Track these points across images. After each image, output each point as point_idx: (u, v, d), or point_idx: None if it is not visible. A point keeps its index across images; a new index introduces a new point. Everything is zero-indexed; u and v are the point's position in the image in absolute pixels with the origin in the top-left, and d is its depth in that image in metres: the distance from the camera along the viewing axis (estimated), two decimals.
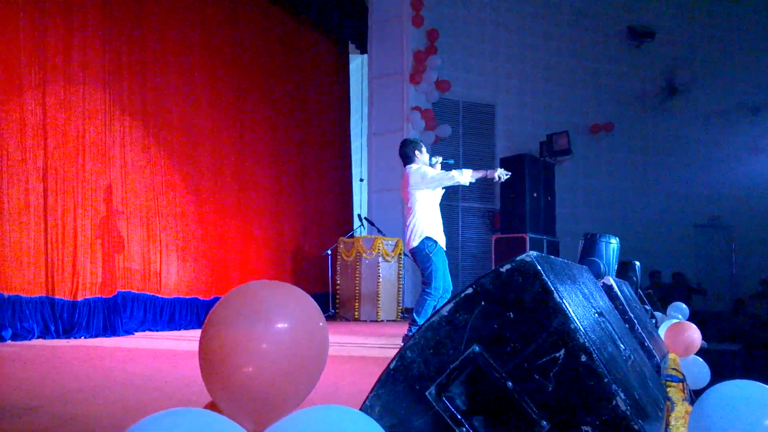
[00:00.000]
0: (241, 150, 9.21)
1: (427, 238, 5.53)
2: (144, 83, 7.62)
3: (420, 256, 5.56)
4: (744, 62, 13.82)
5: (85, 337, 6.32)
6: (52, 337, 6.10)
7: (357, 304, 9.34)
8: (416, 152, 5.81)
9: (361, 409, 1.37)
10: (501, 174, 5.63)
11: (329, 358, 1.39)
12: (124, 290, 7.06)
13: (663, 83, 13.48)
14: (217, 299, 7.58)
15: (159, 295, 7.56)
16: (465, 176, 5.59)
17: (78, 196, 6.58)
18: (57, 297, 6.26)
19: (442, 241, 5.63)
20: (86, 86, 6.78)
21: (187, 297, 7.98)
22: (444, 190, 6.00)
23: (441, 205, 5.93)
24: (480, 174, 5.69)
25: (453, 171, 5.62)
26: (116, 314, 6.80)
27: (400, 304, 9.69)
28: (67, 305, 6.34)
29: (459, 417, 1.34)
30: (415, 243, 5.57)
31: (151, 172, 7.60)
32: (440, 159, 6.00)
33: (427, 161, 5.86)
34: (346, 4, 11.50)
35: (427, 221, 5.59)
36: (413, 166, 5.75)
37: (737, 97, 13.74)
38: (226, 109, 8.94)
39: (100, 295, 6.65)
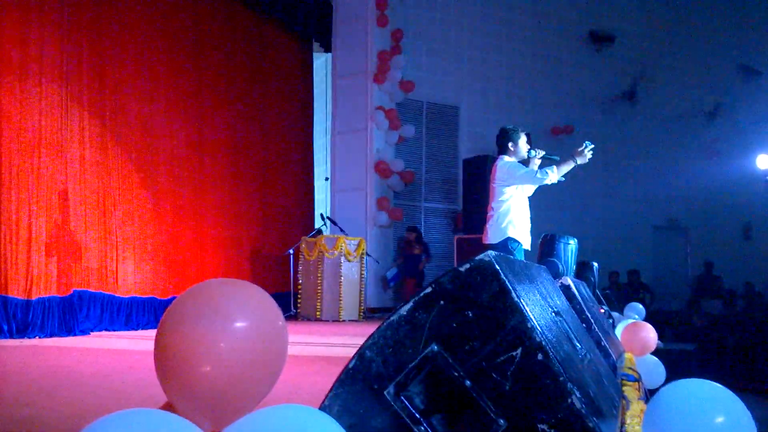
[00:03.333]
0: (201, 148, 9.11)
1: (510, 239, 5.10)
2: (103, 79, 7.49)
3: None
4: (701, 67, 14.14)
5: (40, 337, 6.18)
6: (6, 337, 5.96)
7: (319, 303, 9.31)
8: (510, 144, 5.29)
9: (320, 409, 1.37)
10: (585, 153, 5.12)
11: (290, 357, 1.38)
12: (80, 289, 6.92)
13: (622, 87, 13.71)
14: (174, 299, 7.46)
15: (116, 295, 7.43)
16: (553, 176, 5.08)
17: (33, 192, 6.43)
18: (10, 296, 6.12)
19: (525, 242, 5.21)
20: (43, 81, 6.64)
21: (144, 296, 7.86)
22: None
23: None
24: (570, 166, 5.15)
25: (541, 172, 5.10)
26: (72, 313, 6.67)
27: (362, 304, 9.69)
28: (21, 304, 6.19)
29: (417, 416, 1.35)
30: (493, 240, 5.16)
31: (107, 169, 7.46)
32: (542, 153, 5.38)
33: (525, 154, 5.33)
34: (311, 2, 11.44)
35: (510, 220, 5.15)
36: (505, 159, 5.25)
37: (694, 101, 14.05)
38: (185, 107, 8.84)
39: (55, 294, 6.52)
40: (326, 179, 12.57)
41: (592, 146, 5.12)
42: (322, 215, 10.60)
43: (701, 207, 13.63)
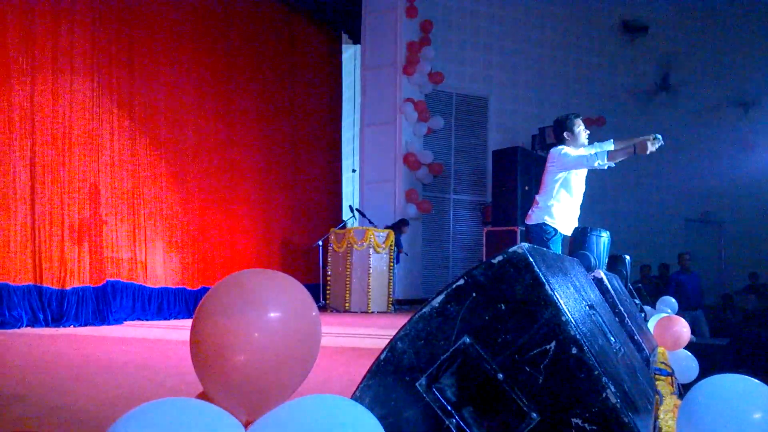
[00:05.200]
0: (230, 140, 9.18)
1: (545, 225, 4.97)
2: (132, 72, 7.59)
3: (534, 238, 5.02)
4: (736, 58, 13.87)
5: (74, 326, 6.30)
6: (41, 326, 6.08)
7: (348, 295, 9.34)
8: (566, 134, 5.04)
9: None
10: (649, 146, 4.72)
11: (320, 349, 1.39)
12: (112, 279, 7.04)
13: (655, 78, 13.50)
14: (204, 289, 7.53)
15: (147, 285, 7.54)
16: (604, 161, 4.79)
17: (65, 184, 6.56)
18: (45, 285, 6.25)
19: (563, 228, 5.07)
20: (74, 75, 6.76)
21: (175, 287, 7.97)
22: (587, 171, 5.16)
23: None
24: (626, 155, 4.83)
25: (590, 157, 4.84)
26: (105, 303, 6.78)
27: (391, 296, 9.70)
28: (56, 294, 6.32)
29: (449, 408, 1.34)
30: (530, 221, 5.11)
31: (137, 161, 7.58)
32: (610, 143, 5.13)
33: (584, 140, 5.08)
34: None
35: (550, 206, 5.01)
36: (558, 148, 5.02)
37: (729, 93, 13.79)
38: (214, 99, 8.91)
39: (89, 284, 6.64)
40: (353, 171, 12.59)
41: (661, 142, 4.78)
42: (351, 207, 10.62)
43: (735, 200, 13.40)
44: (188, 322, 1.26)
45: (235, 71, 9.37)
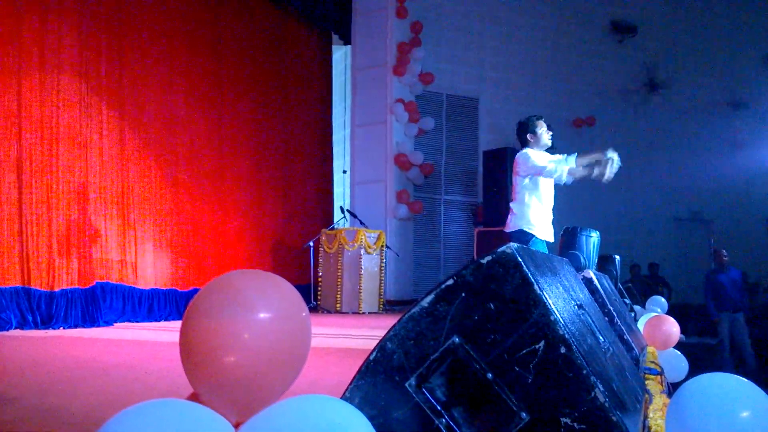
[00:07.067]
0: (220, 140, 9.15)
1: (523, 231, 4.96)
2: (121, 72, 7.54)
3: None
4: (725, 58, 13.94)
5: (64, 328, 6.26)
6: (31, 328, 6.04)
7: (339, 296, 9.34)
8: (529, 135, 5.15)
9: None
10: (608, 172, 4.78)
11: (311, 349, 1.39)
12: (102, 281, 7.00)
13: (645, 78, 13.56)
14: (195, 291, 7.49)
15: (137, 287, 7.50)
16: (562, 174, 4.91)
17: (53, 185, 6.51)
18: (33, 287, 6.20)
19: (542, 234, 5.04)
20: (62, 74, 6.70)
21: (166, 288, 7.93)
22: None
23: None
24: (583, 173, 4.91)
25: (548, 168, 4.89)
26: (95, 305, 6.74)
27: (382, 297, 9.70)
28: (45, 296, 6.28)
29: (439, 408, 1.34)
30: (508, 229, 5.10)
31: (127, 161, 7.53)
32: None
33: (547, 141, 5.16)
34: None
35: (524, 211, 5.01)
36: (522, 152, 5.10)
37: (718, 92, 13.86)
38: (205, 99, 8.88)
39: (77, 286, 6.59)
40: (344, 172, 12.59)
41: (617, 166, 4.81)
42: (341, 208, 10.62)
43: (724, 199, 13.45)
44: (179, 324, 1.26)
45: (226, 71, 9.35)
